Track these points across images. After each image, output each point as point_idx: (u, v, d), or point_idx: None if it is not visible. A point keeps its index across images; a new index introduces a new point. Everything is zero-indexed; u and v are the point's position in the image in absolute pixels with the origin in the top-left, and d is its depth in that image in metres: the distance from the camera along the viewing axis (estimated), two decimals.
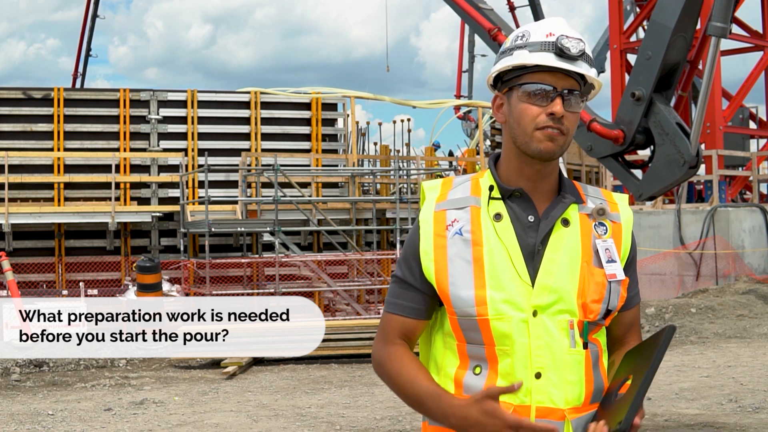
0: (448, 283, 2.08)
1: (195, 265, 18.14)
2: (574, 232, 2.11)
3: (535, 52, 2.07)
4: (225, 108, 20.36)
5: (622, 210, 2.19)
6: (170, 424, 8.05)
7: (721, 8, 6.95)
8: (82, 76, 31.51)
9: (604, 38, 27.43)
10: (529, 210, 2.10)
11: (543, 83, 2.07)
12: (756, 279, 16.57)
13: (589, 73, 2.10)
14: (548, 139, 2.05)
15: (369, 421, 8.00)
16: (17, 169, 18.62)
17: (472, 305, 2.05)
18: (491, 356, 2.06)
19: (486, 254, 2.07)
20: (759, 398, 8.47)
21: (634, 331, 2.24)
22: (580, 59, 2.09)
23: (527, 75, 2.09)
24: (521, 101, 2.08)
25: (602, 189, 2.24)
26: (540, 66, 2.07)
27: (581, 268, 2.08)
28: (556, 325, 2.04)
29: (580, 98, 2.10)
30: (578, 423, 2.05)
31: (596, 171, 24.00)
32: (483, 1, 8.69)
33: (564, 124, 2.06)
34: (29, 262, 18.19)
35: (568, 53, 2.06)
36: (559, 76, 2.07)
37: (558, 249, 2.08)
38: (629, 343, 2.21)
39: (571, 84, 2.08)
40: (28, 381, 10.40)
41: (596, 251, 2.10)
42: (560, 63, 2.06)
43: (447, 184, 2.19)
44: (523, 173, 2.12)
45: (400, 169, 20.28)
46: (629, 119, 7.35)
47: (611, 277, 2.09)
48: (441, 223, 2.12)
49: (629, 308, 2.20)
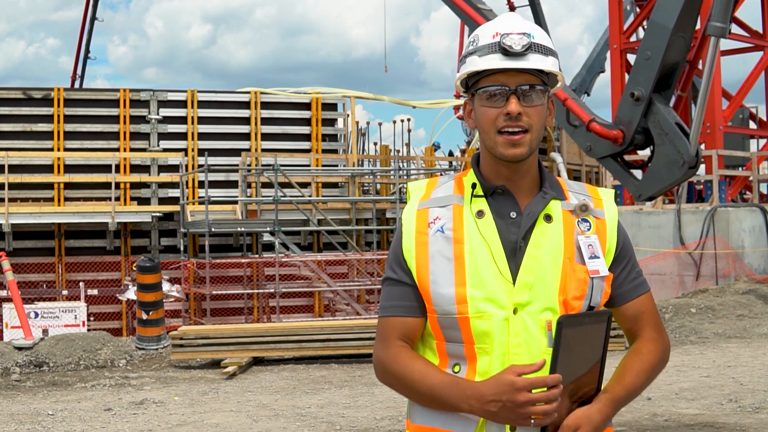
0: (429, 281, 2.09)
1: (195, 265, 18.15)
2: (557, 228, 2.10)
3: (484, 56, 2.08)
4: (225, 108, 20.37)
5: (607, 206, 2.18)
6: (170, 424, 8.05)
7: (721, 8, 6.95)
8: (81, 78, 31.48)
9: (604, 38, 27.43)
10: (511, 206, 2.11)
11: (495, 85, 2.07)
12: (756, 279, 16.57)
13: (538, 66, 2.07)
14: (511, 145, 2.06)
15: (369, 421, 8.01)
16: (17, 169, 18.63)
17: (452, 303, 2.05)
18: (470, 354, 2.06)
19: (467, 252, 2.07)
20: (759, 398, 8.47)
21: (645, 323, 2.19)
22: (530, 53, 2.06)
23: (482, 79, 2.10)
24: (481, 105, 2.10)
25: (587, 184, 2.24)
26: (489, 69, 2.08)
27: (563, 264, 2.07)
28: (535, 323, 2.04)
29: (543, 90, 2.09)
30: None
31: (596, 171, 24.00)
32: (482, 1, 8.70)
33: (524, 120, 2.06)
34: (29, 262, 18.20)
35: (512, 51, 2.05)
36: (510, 75, 2.07)
37: (540, 245, 2.07)
38: (643, 336, 2.19)
39: (526, 79, 2.07)
40: (28, 381, 10.40)
41: (579, 247, 2.10)
42: (506, 63, 2.06)
43: (432, 183, 2.21)
44: (500, 173, 2.13)
45: (400, 169, 20.29)
46: (629, 119, 7.36)
47: (593, 273, 2.08)
48: (423, 221, 2.13)
49: (629, 300, 2.18)
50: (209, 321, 17.41)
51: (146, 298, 12.45)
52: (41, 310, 15.82)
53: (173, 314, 18.04)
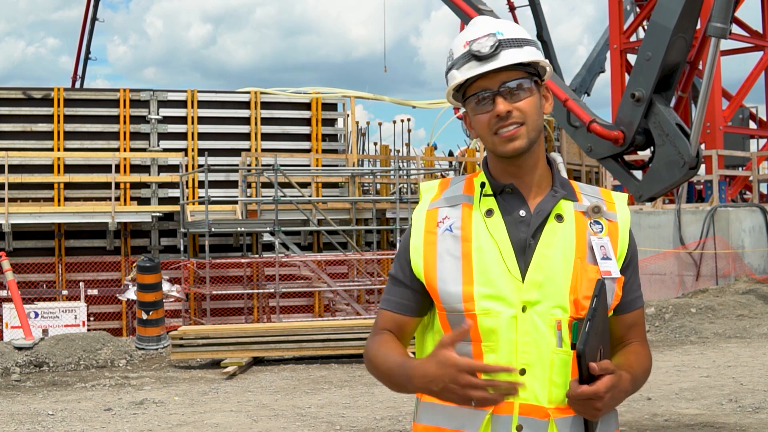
0: (436, 278, 2.09)
1: (195, 265, 18.15)
2: (569, 228, 2.10)
3: (461, 68, 2.10)
4: (225, 108, 20.38)
5: (620, 209, 2.17)
6: (170, 424, 8.05)
7: (721, 9, 6.95)
8: (81, 78, 31.45)
9: (604, 38, 27.43)
10: (520, 205, 2.11)
11: (479, 91, 2.09)
12: (756, 279, 16.57)
13: (512, 61, 2.07)
14: (507, 140, 2.07)
15: (369, 421, 8.01)
16: (17, 169, 18.63)
17: (459, 301, 2.06)
18: (477, 353, 2.05)
19: (474, 250, 2.08)
20: (759, 398, 8.47)
21: (637, 333, 2.20)
22: (501, 50, 2.06)
23: (467, 89, 2.12)
24: (474, 113, 2.12)
25: (601, 188, 2.23)
26: (467, 78, 2.09)
27: (574, 263, 2.06)
28: (544, 322, 2.03)
29: (529, 81, 2.09)
30: (563, 423, 2.02)
31: (596, 171, 24.01)
32: (482, 2, 8.70)
33: (515, 115, 2.06)
34: (29, 262, 18.20)
35: (482, 54, 2.06)
36: (490, 77, 2.07)
37: (550, 244, 2.07)
38: (631, 344, 2.19)
39: (507, 76, 2.07)
40: (28, 381, 10.40)
41: (591, 248, 2.09)
42: (480, 68, 2.06)
43: (444, 184, 2.23)
44: (507, 171, 2.13)
45: (400, 169, 20.29)
46: (629, 120, 7.35)
47: (606, 274, 2.06)
48: (432, 220, 2.15)
49: (629, 311, 2.18)
50: (209, 321, 17.41)
51: (146, 298, 12.46)
52: (41, 310, 15.83)
53: (173, 314, 18.05)
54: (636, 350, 2.18)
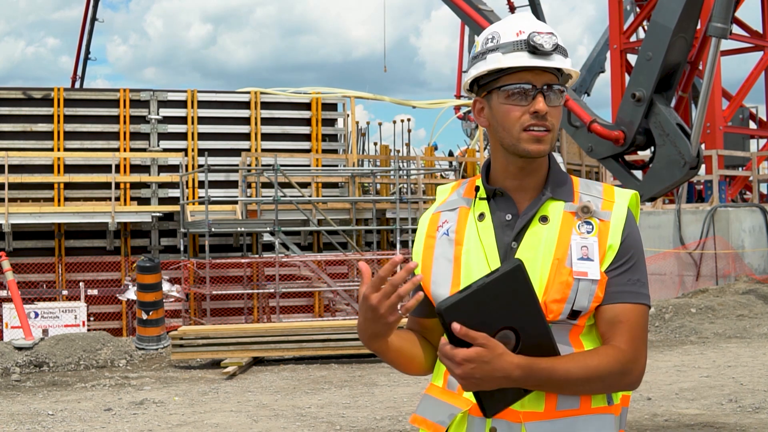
0: (430, 281, 2.13)
1: (195, 265, 18.15)
2: (553, 229, 2.07)
3: (509, 53, 2.06)
4: (225, 108, 20.37)
5: (616, 207, 2.12)
6: (170, 424, 8.05)
7: (722, 9, 6.96)
8: (81, 79, 31.44)
9: (604, 38, 27.44)
10: (508, 208, 2.11)
11: (521, 83, 2.05)
12: (756, 279, 16.57)
13: (565, 66, 2.09)
14: (535, 141, 2.05)
15: (369, 421, 8.01)
16: (17, 169, 18.62)
17: None
18: None
19: (464, 253, 2.10)
20: (759, 398, 8.47)
21: (620, 333, 2.01)
22: (555, 53, 2.07)
23: (504, 77, 2.07)
24: (502, 103, 2.07)
25: (606, 185, 2.19)
26: (516, 66, 2.06)
27: (551, 265, 2.02)
28: None
29: (560, 91, 2.09)
30: (535, 428, 1.98)
31: (596, 171, 24.01)
32: (482, 2, 8.69)
33: (548, 120, 2.05)
34: (29, 262, 18.18)
35: (542, 49, 2.04)
36: (536, 73, 2.06)
37: (531, 247, 2.05)
38: (611, 342, 2.01)
39: (549, 79, 2.07)
40: (28, 381, 10.40)
41: (572, 249, 2.04)
42: (536, 61, 2.04)
43: (455, 186, 2.25)
44: (508, 171, 2.11)
45: (400, 169, 20.28)
46: (630, 120, 7.35)
47: (580, 275, 2.00)
48: (433, 225, 2.19)
49: (609, 303, 2.03)
50: (209, 321, 17.40)
51: (146, 298, 12.45)
52: (41, 310, 15.82)
53: (173, 314, 18.04)
54: (601, 351, 2.00)
